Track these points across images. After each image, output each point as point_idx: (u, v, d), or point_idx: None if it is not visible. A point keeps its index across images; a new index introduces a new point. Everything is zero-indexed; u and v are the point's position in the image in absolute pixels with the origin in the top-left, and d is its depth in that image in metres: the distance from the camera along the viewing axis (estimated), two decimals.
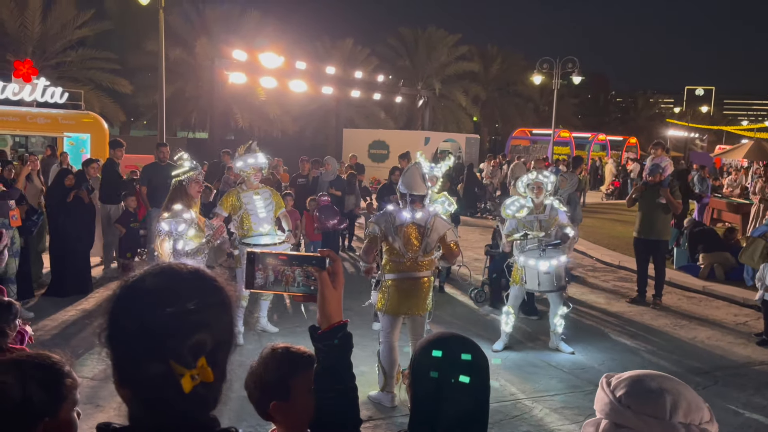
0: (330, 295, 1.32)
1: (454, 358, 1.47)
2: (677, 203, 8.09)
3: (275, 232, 6.42)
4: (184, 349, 1.00)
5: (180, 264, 1.11)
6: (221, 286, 1.10)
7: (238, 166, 6.39)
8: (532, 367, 5.85)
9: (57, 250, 7.62)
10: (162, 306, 1.01)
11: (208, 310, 1.04)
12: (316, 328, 1.34)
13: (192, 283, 1.07)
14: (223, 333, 1.06)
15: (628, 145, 37.35)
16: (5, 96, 15.17)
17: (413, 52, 36.57)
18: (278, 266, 1.34)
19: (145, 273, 1.08)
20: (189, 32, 26.89)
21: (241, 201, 6.23)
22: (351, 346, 1.34)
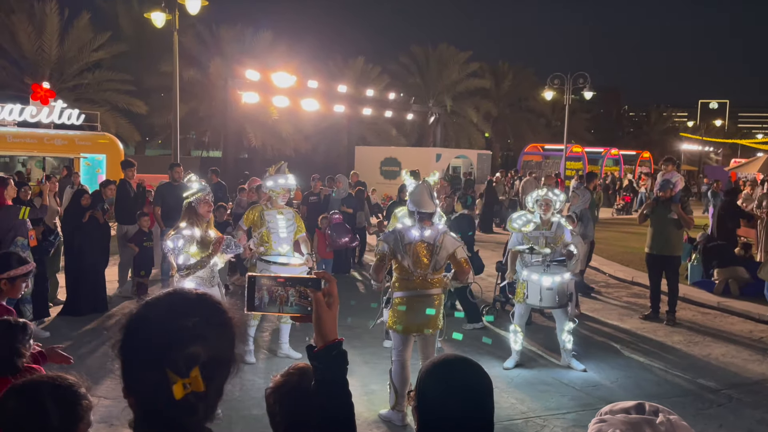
0: (325, 315, 1.37)
1: (459, 381, 1.50)
2: (689, 218, 8.05)
3: (293, 254, 6.46)
4: (179, 358, 1.08)
5: (191, 289, 1.22)
6: (224, 309, 1.19)
7: (268, 185, 6.43)
8: (543, 385, 5.82)
9: (72, 270, 7.74)
10: (166, 321, 1.12)
11: (207, 327, 1.12)
12: (312, 346, 1.39)
13: (195, 304, 1.17)
14: (220, 351, 1.13)
15: (642, 160, 37.18)
16: (23, 118, 15.50)
17: (424, 69, 36.83)
18: (273, 287, 1.40)
19: (160, 294, 1.19)
20: (203, 53, 27.32)
21: (264, 218, 6.27)
22: (346, 363, 1.39)
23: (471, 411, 1.48)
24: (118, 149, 16.86)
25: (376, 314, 5.70)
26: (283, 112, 25.11)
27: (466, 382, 1.51)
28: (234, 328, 1.19)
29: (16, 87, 22.86)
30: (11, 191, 6.74)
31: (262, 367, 6.18)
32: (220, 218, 9.11)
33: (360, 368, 6.12)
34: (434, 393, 1.50)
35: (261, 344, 6.87)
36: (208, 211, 5.04)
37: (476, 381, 1.52)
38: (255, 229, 6.28)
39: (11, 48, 23.17)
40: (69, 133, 16.09)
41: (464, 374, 1.52)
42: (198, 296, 1.19)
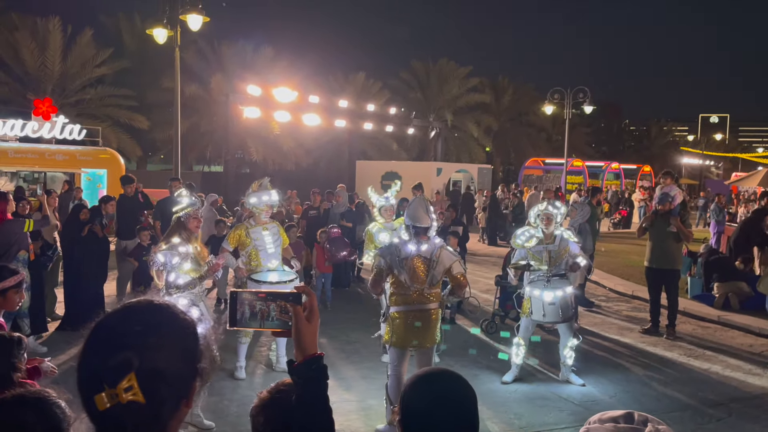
0: (304, 329, 1.37)
1: (442, 393, 1.50)
2: (688, 232, 8.04)
3: (283, 268, 6.47)
4: (106, 366, 1.03)
5: (149, 299, 1.15)
6: (181, 320, 1.12)
7: (251, 202, 6.44)
8: (542, 400, 5.78)
9: (71, 285, 7.74)
10: (105, 330, 1.08)
11: (149, 336, 1.06)
12: (292, 361, 1.38)
13: (142, 313, 1.11)
14: (168, 362, 1.06)
15: (642, 173, 37.23)
16: (25, 134, 15.58)
17: (425, 84, 37.05)
18: (253, 301, 1.39)
19: (118, 305, 1.15)
20: (204, 69, 27.52)
21: (250, 237, 6.27)
22: (326, 377, 1.38)
23: (454, 423, 1.47)
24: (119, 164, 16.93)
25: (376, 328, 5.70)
26: (284, 126, 25.23)
27: (450, 394, 1.50)
28: (195, 341, 1.12)
29: (18, 102, 23.03)
30: (12, 206, 6.77)
31: (260, 383, 6.15)
32: (219, 233, 9.12)
33: (358, 383, 6.10)
34: (418, 405, 1.49)
35: (259, 359, 6.85)
36: (197, 226, 5.07)
37: (460, 393, 1.51)
38: (242, 248, 6.26)
39: (14, 64, 23.38)
40: (70, 148, 16.18)
41: (447, 386, 1.52)
42: (149, 306, 1.13)
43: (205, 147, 29.88)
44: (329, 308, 9.24)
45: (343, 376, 6.29)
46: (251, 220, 6.44)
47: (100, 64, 24.68)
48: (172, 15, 13.32)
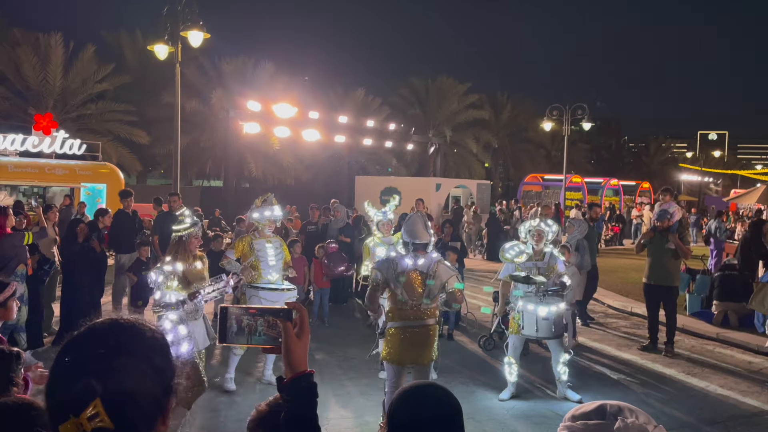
0: (294, 346, 1.34)
1: (428, 406, 1.50)
2: (686, 249, 8.05)
3: (282, 282, 6.51)
4: (68, 395, 1.00)
5: (114, 318, 1.11)
6: (148, 337, 1.08)
7: (254, 217, 6.54)
8: (539, 417, 5.76)
9: (67, 299, 7.73)
10: (65, 356, 1.05)
11: (114, 358, 1.02)
12: (282, 378, 1.36)
13: (105, 334, 1.07)
14: (136, 384, 1.02)
15: (641, 190, 37.29)
16: (25, 148, 15.64)
17: (424, 100, 37.26)
18: (241, 316, 1.37)
19: (84, 327, 1.11)
20: (205, 84, 27.68)
21: (253, 248, 6.37)
22: (316, 395, 1.36)
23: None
24: (119, 179, 16.97)
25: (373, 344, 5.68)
26: (284, 142, 25.32)
27: (436, 408, 1.51)
28: (166, 358, 1.09)
29: (19, 117, 23.12)
30: (11, 221, 6.77)
31: (257, 398, 6.12)
32: (217, 247, 9.13)
33: (355, 399, 6.07)
34: (403, 418, 1.50)
35: (257, 374, 6.81)
36: (197, 246, 5.11)
37: (445, 407, 1.52)
38: (244, 258, 6.35)
39: (15, 79, 23.50)
40: (70, 162, 16.22)
41: (434, 400, 1.52)
42: (113, 326, 1.08)
43: (205, 162, 29.95)
44: (327, 324, 9.22)
45: (341, 392, 6.27)
46: (255, 232, 6.53)
47: (101, 80, 24.82)
48: (174, 32, 13.44)
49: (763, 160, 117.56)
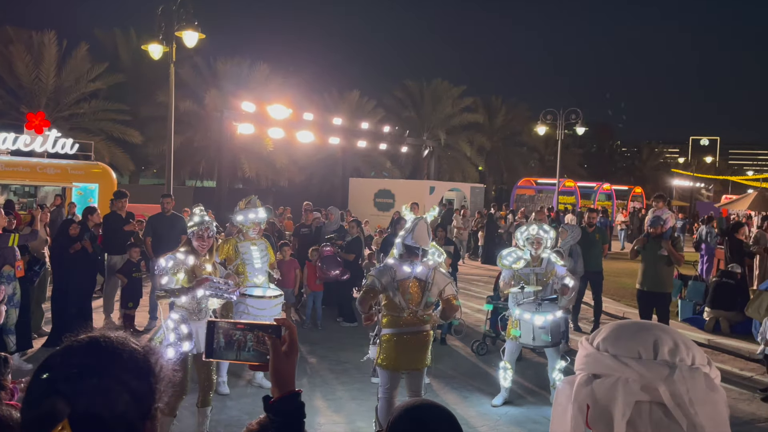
0: (282, 364, 1.31)
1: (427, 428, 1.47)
2: (679, 255, 8.07)
3: (268, 285, 6.48)
4: (36, 416, 0.97)
5: (95, 335, 1.07)
6: (127, 358, 1.04)
7: (238, 219, 6.51)
8: (532, 423, 5.74)
9: (58, 301, 7.65)
10: (36, 374, 1.02)
11: (86, 379, 0.99)
12: (268, 397, 1.33)
13: (81, 353, 1.03)
14: (111, 406, 0.98)
15: (634, 195, 37.47)
16: (17, 147, 15.51)
17: (419, 103, 37.30)
18: (230, 331, 1.33)
19: (64, 343, 1.08)
20: (199, 85, 27.61)
21: (238, 251, 6.34)
22: (303, 416, 1.32)
23: None
24: (111, 179, 16.87)
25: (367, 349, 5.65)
26: (278, 143, 25.27)
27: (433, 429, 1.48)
28: (146, 380, 1.04)
29: (11, 116, 22.98)
30: (3, 221, 6.70)
31: (247, 402, 6.08)
32: None
33: (347, 404, 6.04)
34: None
35: (245, 375, 6.77)
36: (200, 245, 4.98)
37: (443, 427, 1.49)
38: (229, 261, 6.29)
39: (8, 77, 23.36)
40: (62, 162, 16.10)
41: (431, 423, 1.49)
42: (91, 345, 1.04)
43: (198, 162, 29.85)
44: (320, 327, 9.18)
45: (332, 396, 6.24)
46: (240, 235, 6.48)
47: (94, 79, 24.70)
48: (168, 31, 13.38)
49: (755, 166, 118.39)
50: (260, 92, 25.25)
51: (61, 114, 24.23)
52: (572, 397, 1.01)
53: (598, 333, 1.06)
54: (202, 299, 4.88)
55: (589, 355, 1.03)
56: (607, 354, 1.00)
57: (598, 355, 1.01)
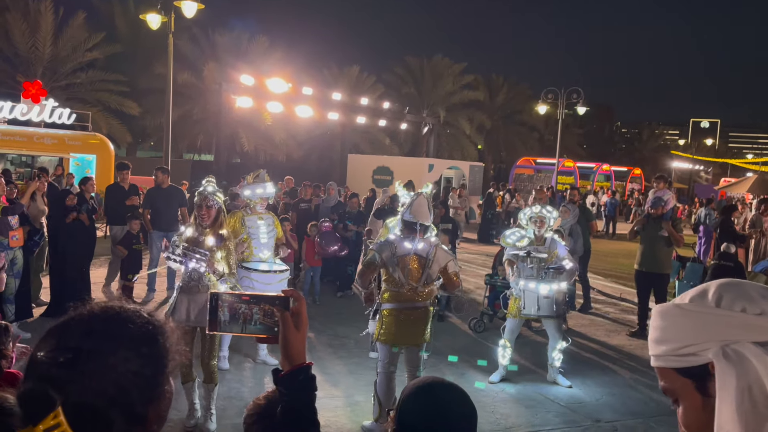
0: (292, 337, 1.28)
1: (439, 409, 1.45)
2: (679, 236, 8.07)
3: (274, 260, 6.44)
4: (27, 401, 0.90)
5: (98, 311, 0.99)
6: (132, 337, 0.96)
7: (245, 194, 6.43)
8: (529, 401, 5.78)
9: (57, 271, 7.64)
10: (40, 349, 0.94)
11: (83, 363, 0.91)
12: (278, 370, 1.30)
13: (81, 331, 0.95)
14: (106, 393, 0.91)
15: (633, 176, 37.48)
16: (13, 116, 15.37)
17: (419, 80, 37.00)
18: (235, 303, 1.29)
19: (66, 316, 1.00)
20: (198, 56, 27.30)
21: (244, 225, 6.27)
22: (314, 389, 1.30)
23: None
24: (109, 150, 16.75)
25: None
26: (276, 117, 25.10)
27: (447, 411, 1.45)
28: (152, 364, 0.97)
29: (8, 84, 22.72)
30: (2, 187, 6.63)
31: (247, 375, 6.11)
32: None
33: (345, 378, 6.07)
34: (414, 420, 1.44)
35: (247, 351, 6.78)
36: (200, 214, 4.94)
37: (458, 410, 1.46)
38: (235, 236, 6.22)
39: (4, 45, 23.05)
40: (59, 132, 15.98)
41: (445, 402, 1.46)
42: (93, 320, 0.96)
43: (196, 136, 29.66)
44: (318, 302, 9.20)
45: (330, 371, 6.26)
46: (247, 209, 6.42)
47: (91, 48, 24.38)
48: (167, 1, 13.16)
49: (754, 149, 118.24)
50: (259, 65, 25.00)
51: (58, 83, 23.96)
52: (750, 373, 0.87)
53: (723, 295, 0.94)
54: (193, 272, 4.82)
55: (741, 322, 0.90)
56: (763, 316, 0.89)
57: (752, 319, 0.90)
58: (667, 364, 0.96)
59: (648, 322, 8.09)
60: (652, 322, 1.01)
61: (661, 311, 0.99)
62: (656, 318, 1.00)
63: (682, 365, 0.94)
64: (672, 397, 0.99)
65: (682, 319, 0.95)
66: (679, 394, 0.97)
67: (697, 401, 0.94)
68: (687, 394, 0.95)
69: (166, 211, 8.66)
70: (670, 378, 0.97)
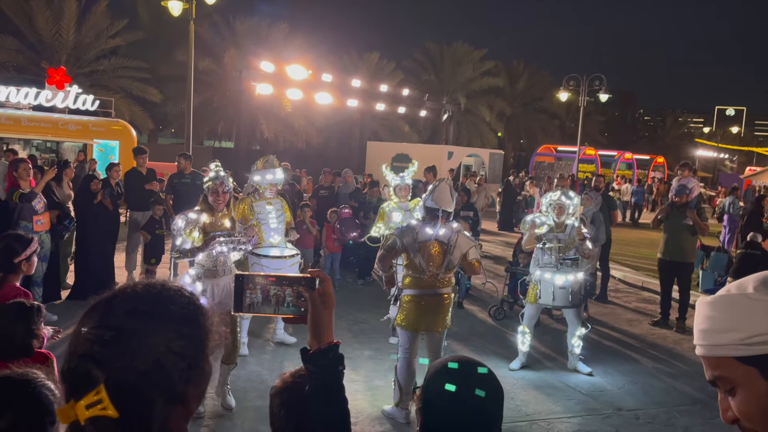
0: (321, 316, 1.30)
1: (467, 389, 1.44)
2: (704, 225, 7.95)
3: (285, 245, 6.45)
4: (69, 377, 0.92)
5: (141, 289, 1.00)
6: (175, 315, 0.98)
7: (255, 179, 6.40)
8: (549, 388, 5.76)
9: (81, 255, 7.79)
10: (83, 325, 0.96)
11: (126, 340, 0.93)
12: (306, 349, 1.32)
13: (124, 309, 0.97)
14: (148, 371, 0.92)
15: (655, 164, 36.91)
16: (38, 102, 15.56)
17: (439, 66, 36.71)
18: (267, 286, 1.32)
19: (110, 291, 1.02)
20: (218, 43, 27.37)
21: (253, 210, 6.26)
22: (343, 367, 1.32)
23: (476, 420, 1.42)
24: (132, 136, 16.92)
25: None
26: (296, 104, 25.11)
27: (475, 391, 1.44)
28: (193, 344, 0.98)
29: (32, 71, 23.01)
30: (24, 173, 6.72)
31: (267, 358, 6.17)
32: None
33: (365, 363, 6.10)
34: (440, 400, 1.44)
35: (263, 335, 6.85)
36: (215, 200, 4.93)
37: (485, 390, 1.45)
38: (245, 222, 6.22)
39: (29, 32, 23.30)
40: (83, 118, 16.16)
41: (473, 382, 1.46)
42: (137, 298, 0.98)
43: (216, 122, 29.82)
44: (338, 288, 9.24)
45: (350, 356, 6.29)
46: (256, 194, 6.42)
47: (114, 35, 24.56)
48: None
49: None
50: (279, 52, 25.01)
51: (81, 70, 24.21)
52: None
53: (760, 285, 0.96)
54: (218, 256, 4.82)
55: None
56: None
57: None
58: (729, 353, 0.96)
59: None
60: (707, 312, 1.00)
61: (726, 301, 0.99)
62: (714, 308, 0.99)
63: (749, 353, 0.94)
64: (726, 387, 0.98)
65: (753, 308, 0.95)
66: (740, 382, 0.96)
67: (762, 388, 0.94)
68: (750, 382, 0.95)
69: (188, 196, 8.74)
70: (730, 366, 0.96)
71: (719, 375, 0.98)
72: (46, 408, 1.49)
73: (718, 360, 0.98)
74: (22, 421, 1.45)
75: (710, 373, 1.00)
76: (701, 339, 1.01)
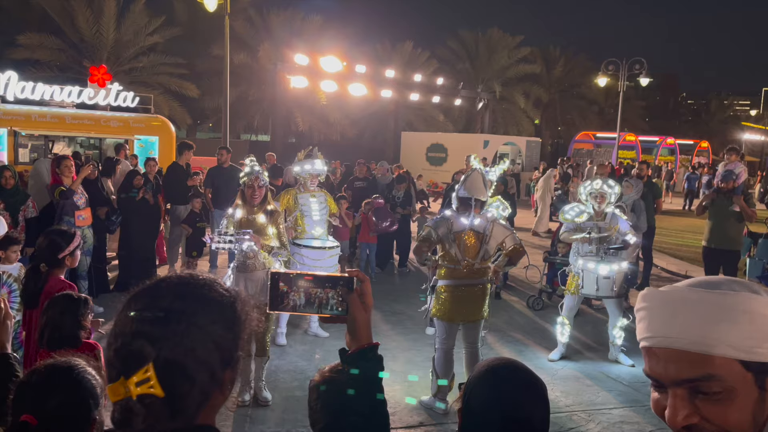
0: (360, 317, 1.30)
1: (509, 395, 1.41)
2: (751, 211, 7.68)
3: (326, 237, 6.52)
4: (120, 356, 0.97)
5: (186, 275, 1.07)
6: (217, 301, 1.04)
7: (295, 170, 6.57)
8: (589, 379, 5.68)
9: (124, 248, 8.01)
10: (125, 311, 1.01)
11: (174, 324, 0.98)
12: (345, 350, 1.32)
13: (171, 294, 1.02)
14: (193, 353, 0.97)
15: (699, 149, 35.82)
16: (81, 100, 15.97)
17: (473, 54, 36.28)
18: (310, 288, 1.32)
19: (153, 280, 1.08)
20: (253, 37, 27.62)
21: (297, 202, 6.40)
22: (382, 368, 1.31)
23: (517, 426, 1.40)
24: (171, 132, 17.22)
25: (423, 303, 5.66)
26: (330, 96, 25.19)
27: (517, 397, 1.41)
28: (232, 330, 1.03)
29: (74, 70, 23.63)
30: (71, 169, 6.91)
31: (306, 349, 6.23)
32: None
33: (402, 354, 6.11)
34: (482, 404, 1.41)
35: (301, 324, 6.91)
36: (252, 195, 5.00)
37: (528, 396, 1.42)
38: (289, 213, 6.36)
39: (70, 32, 23.92)
40: (124, 115, 16.52)
41: (516, 387, 1.42)
42: (182, 285, 1.04)
43: (252, 116, 30.14)
44: (374, 279, 9.26)
45: (387, 347, 6.31)
46: (300, 186, 6.53)
47: (152, 32, 25.02)
48: None
49: None
50: (313, 44, 25.08)
51: (121, 68, 24.76)
52: None
53: None
54: (248, 252, 4.85)
55: None
56: None
57: None
58: (738, 355, 0.91)
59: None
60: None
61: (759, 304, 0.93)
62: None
63: (756, 359, 0.91)
64: (709, 389, 0.91)
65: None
66: (739, 387, 0.91)
67: (755, 395, 0.91)
68: (745, 387, 0.91)
69: (227, 190, 8.87)
70: (733, 370, 0.91)
71: (710, 374, 0.91)
72: (89, 391, 1.57)
73: (724, 361, 0.91)
74: (68, 402, 1.54)
75: (693, 372, 0.92)
76: (701, 331, 0.94)
